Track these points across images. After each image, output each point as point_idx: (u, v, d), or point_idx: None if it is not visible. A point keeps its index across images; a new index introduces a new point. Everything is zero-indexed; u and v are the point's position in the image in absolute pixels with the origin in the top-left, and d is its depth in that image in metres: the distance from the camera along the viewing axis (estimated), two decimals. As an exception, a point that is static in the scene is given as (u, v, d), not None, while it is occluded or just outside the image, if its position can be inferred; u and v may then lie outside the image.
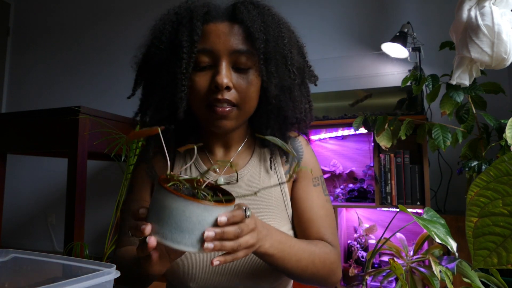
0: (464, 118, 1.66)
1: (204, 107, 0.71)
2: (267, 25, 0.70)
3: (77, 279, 0.39)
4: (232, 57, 0.69)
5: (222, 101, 0.68)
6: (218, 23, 0.70)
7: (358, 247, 2.11)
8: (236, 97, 0.70)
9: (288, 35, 0.74)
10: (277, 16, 0.75)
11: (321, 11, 2.67)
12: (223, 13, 0.71)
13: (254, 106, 0.74)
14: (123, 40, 3.25)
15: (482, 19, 1.20)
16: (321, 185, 0.83)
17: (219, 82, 0.67)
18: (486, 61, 1.23)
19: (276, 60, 0.71)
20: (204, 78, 0.70)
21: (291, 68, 0.72)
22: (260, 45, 0.68)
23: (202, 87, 0.70)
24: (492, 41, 1.19)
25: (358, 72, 2.49)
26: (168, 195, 0.46)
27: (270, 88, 0.70)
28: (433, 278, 0.83)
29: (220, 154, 0.82)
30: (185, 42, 0.67)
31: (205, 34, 0.69)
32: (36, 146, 1.82)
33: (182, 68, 0.67)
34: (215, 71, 0.69)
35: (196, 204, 0.45)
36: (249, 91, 0.71)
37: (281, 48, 0.71)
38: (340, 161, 2.39)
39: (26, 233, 3.39)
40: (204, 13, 0.70)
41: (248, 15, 0.69)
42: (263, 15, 0.71)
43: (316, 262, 0.70)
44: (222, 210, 0.48)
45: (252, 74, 0.71)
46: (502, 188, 0.41)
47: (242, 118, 0.74)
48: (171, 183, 0.49)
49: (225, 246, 0.50)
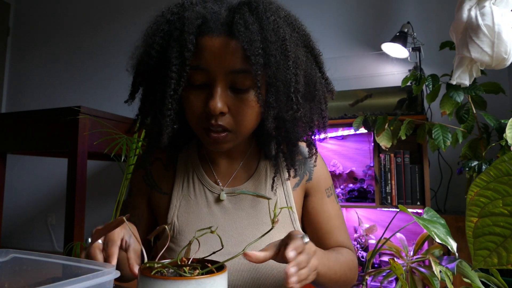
0: (464, 118, 1.67)
1: (199, 129, 0.66)
2: (268, 45, 0.59)
3: (77, 279, 0.39)
4: (229, 78, 0.62)
5: (216, 126, 0.63)
6: (214, 38, 0.60)
7: (358, 247, 2.11)
8: (231, 123, 0.64)
9: (295, 53, 0.63)
10: (283, 29, 0.62)
11: (321, 11, 2.67)
12: (222, 24, 0.61)
13: (252, 128, 0.68)
14: (123, 40, 3.25)
15: (482, 19, 1.20)
16: (333, 194, 0.82)
17: (211, 108, 0.61)
18: (486, 61, 1.23)
19: (276, 87, 0.61)
20: (199, 99, 0.63)
21: (295, 96, 0.62)
22: (256, 72, 0.58)
23: (197, 107, 0.64)
24: (492, 41, 1.19)
25: (358, 72, 2.49)
26: (156, 283, 0.44)
27: (267, 120, 0.62)
28: (433, 278, 0.83)
29: (223, 166, 0.78)
30: (175, 59, 0.59)
31: (200, 49, 0.61)
32: (36, 146, 1.82)
33: (171, 89, 0.60)
34: (209, 92, 0.62)
35: (185, 282, 0.44)
36: (247, 115, 0.64)
37: (284, 73, 0.61)
38: (340, 161, 2.39)
39: (26, 233, 3.39)
40: (197, 25, 0.60)
41: (245, 34, 0.58)
42: (265, 31, 0.59)
43: (346, 271, 0.72)
44: (216, 280, 0.46)
45: (251, 94, 0.63)
46: (502, 188, 0.41)
47: (239, 139, 0.68)
48: (154, 271, 0.48)
49: (301, 276, 0.52)
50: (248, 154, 0.79)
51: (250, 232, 0.73)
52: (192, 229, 0.73)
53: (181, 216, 0.74)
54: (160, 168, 0.79)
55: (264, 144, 0.78)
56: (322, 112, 0.73)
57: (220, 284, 0.46)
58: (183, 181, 0.77)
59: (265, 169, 0.78)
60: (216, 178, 0.77)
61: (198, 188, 0.76)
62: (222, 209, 0.75)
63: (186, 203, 0.75)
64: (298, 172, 0.79)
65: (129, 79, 0.74)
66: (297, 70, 0.63)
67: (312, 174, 0.80)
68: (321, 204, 0.80)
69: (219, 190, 0.76)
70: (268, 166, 0.79)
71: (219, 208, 0.75)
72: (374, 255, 0.88)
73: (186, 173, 0.78)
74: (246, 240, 0.72)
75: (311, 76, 0.68)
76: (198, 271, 0.48)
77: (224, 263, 0.50)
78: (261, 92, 0.61)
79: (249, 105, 0.64)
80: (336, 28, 2.62)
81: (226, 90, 0.63)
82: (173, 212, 0.75)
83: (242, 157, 0.78)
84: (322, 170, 0.82)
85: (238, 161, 0.78)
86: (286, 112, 0.63)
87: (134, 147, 1.58)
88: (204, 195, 0.76)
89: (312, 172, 0.80)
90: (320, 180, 0.81)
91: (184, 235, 0.73)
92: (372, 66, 2.49)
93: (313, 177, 0.80)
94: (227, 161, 0.78)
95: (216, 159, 0.78)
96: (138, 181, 0.81)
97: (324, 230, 0.79)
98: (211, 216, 0.74)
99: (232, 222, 0.74)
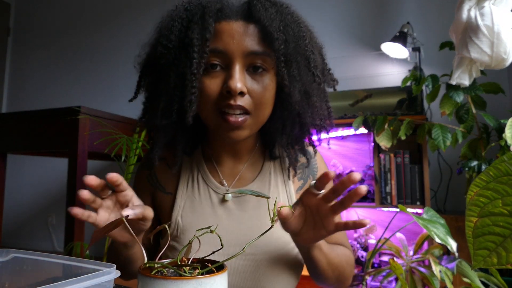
0: (464, 118, 1.67)
1: (214, 114, 0.66)
2: (287, 24, 0.64)
3: (77, 279, 0.39)
4: (247, 59, 0.63)
5: (235, 108, 0.63)
6: (232, 22, 0.63)
7: (358, 247, 2.11)
8: (250, 104, 0.64)
9: (309, 35, 0.68)
10: (296, 14, 0.68)
11: (321, 11, 2.67)
12: (238, 11, 0.65)
13: (269, 113, 0.68)
14: (123, 40, 3.25)
15: (482, 19, 1.20)
16: None
17: (232, 87, 0.61)
18: (486, 61, 1.23)
19: (297, 63, 0.64)
20: (215, 81, 0.64)
21: (315, 70, 0.66)
22: (279, 46, 0.62)
23: (213, 91, 0.64)
24: (492, 41, 1.20)
25: (358, 72, 2.49)
26: (156, 283, 0.44)
27: (293, 93, 0.65)
28: (433, 278, 0.83)
29: (228, 165, 0.78)
30: (196, 41, 0.61)
31: (218, 33, 0.63)
32: (36, 146, 1.82)
33: (193, 68, 0.62)
34: (228, 74, 0.63)
35: (185, 281, 0.44)
36: (265, 97, 0.65)
37: (303, 49, 0.65)
38: (340, 161, 2.39)
39: (26, 233, 3.39)
40: (217, 9, 0.64)
41: (265, 13, 0.63)
42: (282, 13, 0.65)
43: (343, 262, 0.72)
44: (216, 279, 0.46)
45: (268, 78, 0.65)
46: (502, 188, 0.41)
47: (256, 126, 0.68)
48: (155, 271, 0.48)
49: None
50: (253, 154, 0.79)
51: (253, 234, 0.73)
52: (196, 229, 0.73)
53: (185, 216, 0.74)
54: (164, 168, 0.79)
55: (269, 143, 0.78)
56: (327, 102, 0.75)
57: (220, 284, 0.46)
58: (188, 181, 0.77)
59: (270, 169, 0.78)
60: (221, 179, 0.77)
61: (203, 189, 0.76)
62: (226, 210, 0.75)
63: (190, 203, 0.75)
64: (302, 175, 0.79)
65: (130, 79, 0.74)
66: (313, 49, 0.67)
67: (316, 178, 0.80)
68: None
69: (223, 191, 0.75)
70: (272, 167, 0.78)
71: (223, 209, 0.75)
72: (374, 255, 0.88)
73: (190, 173, 0.78)
74: (248, 241, 0.72)
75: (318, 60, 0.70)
76: (198, 271, 0.48)
77: (223, 262, 0.50)
78: (283, 65, 0.63)
79: (266, 87, 0.65)
80: (336, 28, 2.62)
81: (244, 71, 0.64)
82: (177, 212, 0.75)
83: (248, 157, 0.78)
84: None
85: (243, 162, 0.78)
86: (310, 84, 0.66)
87: (134, 147, 1.58)
88: (209, 196, 0.76)
89: (316, 175, 0.80)
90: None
91: (188, 235, 0.73)
92: (372, 66, 2.49)
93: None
94: (232, 161, 0.78)
95: (221, 159, 0.77)
96: (142, 180, 0.80)
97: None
98: (215, 216, 0.74)
99: (236, 223, 0.73)
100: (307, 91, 0.67)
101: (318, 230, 0.57)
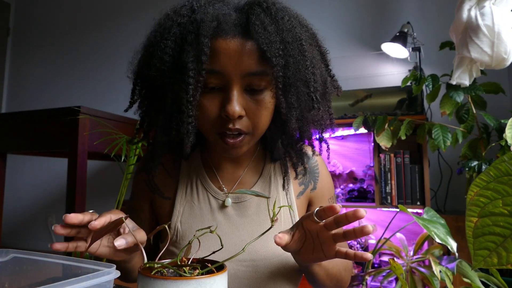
0: (464, 118, 1.67)
1: (213, 134, 0.64)
2: (286, 45, 0.59)
3: (77, 279, 0.39)
4: (245, 80, 0.61)
5: (233, 131, 0.62)
6: (229, 40, 0.59)
7: (358, 247, 2.11)
8: (248, 125, 0.63)
9: (311, 53, 0.63)
10: (298, 27, 0.62)
11: (321, 11, 2.67)
12: (236, 25, 0.59)
13: (266, 127, 0.67)
14: (123, 40, 3.25)
15: (482, 19, 1.20)
16: (335, 203, 0.80)
17: (229, 112, 0.59)
18: (486, 61, 1.23)
19: (296, 88, 0.61)
20: (213, 103, 0.61)
21: (315, 95, 0.62)
22: (278, 73, 0.58)
23: (212, 112, 0.62)
24: (492, 41, 1.19)
25: (358, 72, 2.49)
26: (156, 283, 0.44)
27: (291, 121, 0.62)
28: (433, 278, 0.83)
29: (228, 171, 0.76)
30: (191, 64, 0.57)
31: (214, 52, 0.59)
32: (36, 146, 1.82)
33: (189, 95, 0.58)
34: (225, 96, 0.61)
35: (185, 282, 0.44)
36: (263, 116, 0.63)
37: (303, 73, 0.61)
38: (340, 161, 2.39)
39: (26, 233, 3.39)
40: (213, 28, 0.58)
41: (264, 33, 0.57)
42: (282, 32, 0.59)
43: (341, 270, 0.70)
44: (216, 280, 0.46)
45: (267, 95, 0.63)
46: (502, 188, 0.41)
47: (254, 141, 0.67)
48: (154, 271, 0.48)
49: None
50: (254, 158, 0.78)
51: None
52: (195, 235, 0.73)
53: (184, 222, 0.74)
54: (163, 173, 0.78)
55: (271, 147, 0.76)
56: (329, 109, 0.72)
57: (220, 284, 0.46)
58: (187, 186, 0.76)
59: (270, 174, 0.77)
60: (220, 184, 0.76)
61: (202, 194, 0.75)
62: (225, 215, 0.74)
63: (189, 208, 0.75)
64: (304, 180, 0.78)
65: (130, 79, 0.72)
66: (314, 70, 0.62)
67: (317, 183, 0.79)
68: None
69: (223, 197, 0.75)
70: (273, 171, 0.77)
71: (222, 215, 0.74)
72: (374, 255, 0.88)
73: (189, 179, 0.77)
74: (249, 247, 0.72)
75: (323, 74, 0.68)
76: (198, 271, 0.48)
77: (224, 262, 0.50)
78: (281, 93, 0.60)
79: (264, 106, 0.63)
80: (336, 28, 2.62)
81: (242, 92, 0.62)
82: (176, 218, 0.74)
83: (248, 161, 0.77)
84: (327, 179, 0.81)
85: (243, 166, 0.77)
86: (308, 111, 0.63)
87: (134, 147, 1.58)
88: (208, 201, 0.75)
89: (317, 181, 0.79)
90: (324, 190, 0.80)
91: (187, 240, 0.72)
92: (372, 66, 2.49)
93: (317, 186, 0.79)
94: (232, 166, 0.77)
95: (221, 164, 0.76)
96: (140, 184, 0.80)
97: None
98: (214, 222, 0.73)
99: (235, 228, 0.73)
100: (305, 116, 0.65)
101: (317, 253, 0.55)
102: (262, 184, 0.76)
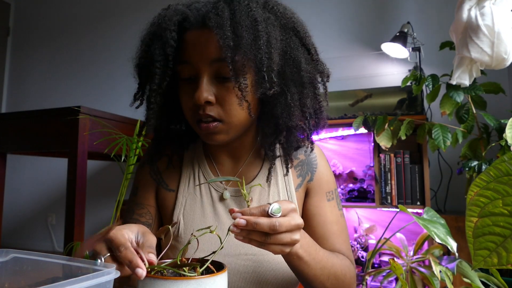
0: (464, 118, 1.67)
1: (193, 123, 0.68)
2: (238, 26, 0.59)
3: (77, 279, 0.39)
4: (213, 67, 0.63)
5: (205, 116, 0.65)
6: (196, 31, 0.63)
7: (358, 247, 2.11)
8: (219, 112, 0.65)
9: (267, 33, 0.61)
10: (254, 8, 0.62)
11: (321, 11, 2.67)
12: (202, 18, 0.63)
13: (244, 118, 0.67)
14: (123, 40, 3.25)
15: (482, 19, 1.20)
16: (335, 199, 0.79)
17: (196, 98, 0.63)
18: (486, 61, 1.23)
19: (249, 68, 0.62)
20: (189, 92, 0.66)
21: (268, 74, 0.61)
22: (226, 54, 0.59)
23: (188, 101, 0.66)
24: (492, 41, 1.19)
25: (358, 72, 2.49)
26: (156, 283, 0.44)
27: (242, 101, 0.63)
28: (433, 278, 0.83)
29: (227, 165, 0.78)
30: (157, 56, 0.63)
31: (184, 44, 0.64)
32: (36, 146, 1.82)
33: (154, 83, 0.64)
34: (196, 84, 0.64)
35: (185, 282, 0.44)
36: (233, 103, 0.64)
37: (255, 52, 0.60)
38: (340, 161, 2.39)
39: (26, 233, 3.39)
40: (177, 21, 0.63)
41: (215, 19, 0.60)
42: (235, 15, 0.60)
43: (338, 273, 0.68)
44: (216, 280, 0.46)
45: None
46: (502, 188, 0.41)
47: (234, 130, 0.68)
48: (154, 271, 0.48)
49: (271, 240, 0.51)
50: (252, 153, 0.79)
51: None
52: (196, 228, 0.73)
53: (186, 214, 0.75)
54: (166, 165, 0.79)
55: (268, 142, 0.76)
56: (317, 96, 0.71)
57: (220, 284, 0.46)
58: (189, 178, 0.78)
59: (269, 168, 0.77)
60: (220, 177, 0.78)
61: (204, 186, 0.77)
62: (226, 208, 0.75)
63: (191, 200, 0.76)
64: (301, 172, 0.79)
65: (129, 79, 0.74)
66: (270, 49, 0.61)
67: (313, 174, 0.79)
68: (318, 207, 0.77)
69: (223, 189, 0.76)
70: (272, 165, 0.77)
71: (223, 207, 0.75)
72: (374, 255, 0.88)
73: (192, 171, 0.78)
74: None
75: (294, 57, 0.66)
76: (198, 271, 0.48)
77: (223, 263, 0.50)
78: (232, 77, 0.60)
79: (234, 93, 0.64)
80: (336, 28, 2.62)
81: (210, 80, 0.64)
82: (179, 210, 0.75)
83: (246, 156, 0.78)
84: (326, 173, 0.81)
85: (242, 161, 0.78)
86: (264, 92, 0.62)
87: (134, 147, 1.58)
88: (210, 193, 0.76)
89: (314, 173, 0.79)
90: (321, 182, 0.79)
91: (189, 233, 0.73)
92: (372, 66, 2.49)
93: (314, 178, 0.79)
94: (231, 161, 0.78)
95: (221, 158, 0.78)
96: (145, 177, 0.80)
97: (319, 234, 0.75)
98: (215, 215, 0.74)
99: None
100: (267, 100, 0.65)
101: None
102: (263, 177, 0.77)
